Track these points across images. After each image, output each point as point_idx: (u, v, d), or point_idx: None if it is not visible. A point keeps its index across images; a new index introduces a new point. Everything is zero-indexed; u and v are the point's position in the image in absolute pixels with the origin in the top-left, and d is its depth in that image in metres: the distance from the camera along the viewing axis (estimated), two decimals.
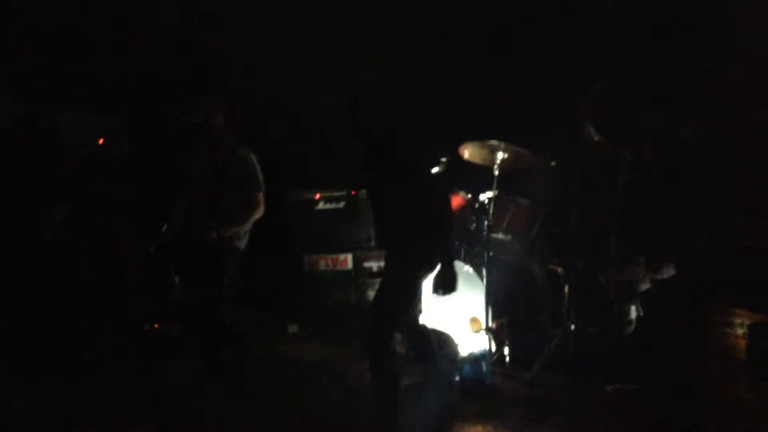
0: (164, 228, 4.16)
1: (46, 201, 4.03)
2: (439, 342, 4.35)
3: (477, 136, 4.35)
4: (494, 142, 4.25)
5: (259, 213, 4.17)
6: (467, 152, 4.43)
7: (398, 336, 3.56)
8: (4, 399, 3.55)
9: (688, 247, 2.75)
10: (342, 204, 5.39)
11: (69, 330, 4.16)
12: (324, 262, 5.34)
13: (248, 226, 4.17)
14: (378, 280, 5.24)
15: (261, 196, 4.16)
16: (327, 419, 3.56)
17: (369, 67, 4.66)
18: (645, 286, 3.06)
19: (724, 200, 2.79)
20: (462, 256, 4.84)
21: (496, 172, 4.38)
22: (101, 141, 4.56)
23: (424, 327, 4.40)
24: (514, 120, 4.63)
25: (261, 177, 4.17)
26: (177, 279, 4.20)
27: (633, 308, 3.26)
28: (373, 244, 5.38)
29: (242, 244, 4.20)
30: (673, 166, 2.85)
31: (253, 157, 4.20)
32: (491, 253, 4.32)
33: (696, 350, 3.04)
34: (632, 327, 3.25)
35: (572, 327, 4.27)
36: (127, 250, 4.63)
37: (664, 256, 2.85)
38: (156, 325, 4.43)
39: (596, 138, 2.91)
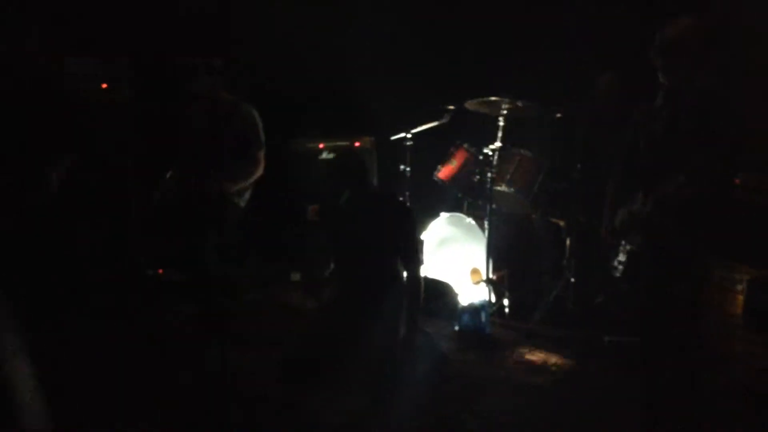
0: (167, 176, 4.16)
1: (54, 150, 4.00)
2: (440, 292, 4.41)
3: (481, 87, 4.31)
4: (496, 99, 4.21)
5: (259, 172, 4.15)
6: (473, 105, 4.40)
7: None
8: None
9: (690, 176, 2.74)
10: None
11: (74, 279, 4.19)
12: None
13: (248, 184, 4.16)
14: None
15: (261, 154, 4.14)
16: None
17: None
18: (631, 243, 3.07)
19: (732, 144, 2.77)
20: (464, 208, 4.85)
21: (501, 124, 4.35)
22: (104, 86, 4.52)
23: (426, 278, 4.45)
24: (519, 70, 4.57)
25: (262, 135, 4.14)
26: (178, 227, 4.21)
27: (620, 250, 3.27)
28: None
29: (243, 201, 4.21)
30: (691, 112, 2.84)
31: (255, 114, 4.16)
32: (494, 206, 4.33)
33: (694, 304, 3.05)
34: (618, 270, 3.26)
35: (572, 279, 4.31)
36: (131, 197, 4.63)
37: (657, 198, 2.86)
38: (160, 271, 4.47)
39: (662, 80, 2.93)
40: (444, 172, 4.68)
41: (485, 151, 4.38)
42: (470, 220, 4.56)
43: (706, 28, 2.90)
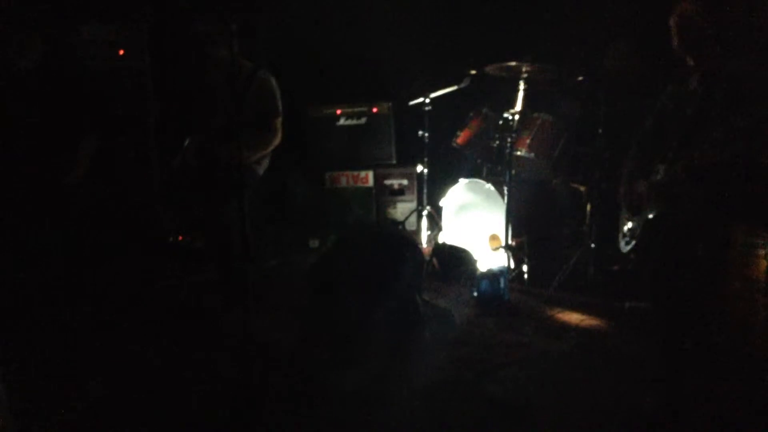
0: (186, 143, 4.16)
1: (74, 134, 4.02)
2: (459, 258, 4.40)
3: (501, 51, 4.25)
4: (516, 64, 4.15)
5: (277, 140, 4.13)
6: (493, 68, 4.34)
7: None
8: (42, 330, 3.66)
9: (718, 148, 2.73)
10: (363, 120, 5.34)
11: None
12: (345, 179, 5.34)
13: (266, 152, 4.15)
14: (398, 198, 5.30)
15: (279, 122, 4.11)
16: None
17: None
18: (649, 212, 3.04)
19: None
20: (484, 173, 4.82)
21: (522, 87, 4.29)
22: (122, 52, 4.51)
23: (444, 244, 4.45)
24: (539, 34, 4.49)
25: (280, 103, 4.11)
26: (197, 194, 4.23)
27: (628, 226, 3.25)
28: (394, 161, 5.37)
29: (261, 169, 4.20)
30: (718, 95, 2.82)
31: (273, 81, 4.12)
32: (513, 171, 4.29)
33: (715, 269, 3.02)
34: (623, 246, 3.25)
35: (592, 245, 4.28)
36: (152, 166, 4.65)
37: (684, 167, 2.84)
38: (180, 237, 4.50)
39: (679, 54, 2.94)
40: (463, 138, 4.65)
41: (505, 115, 4.32)
42: (489, 186, 4.52)
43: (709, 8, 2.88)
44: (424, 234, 5.09)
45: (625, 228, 3.37)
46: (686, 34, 2.96)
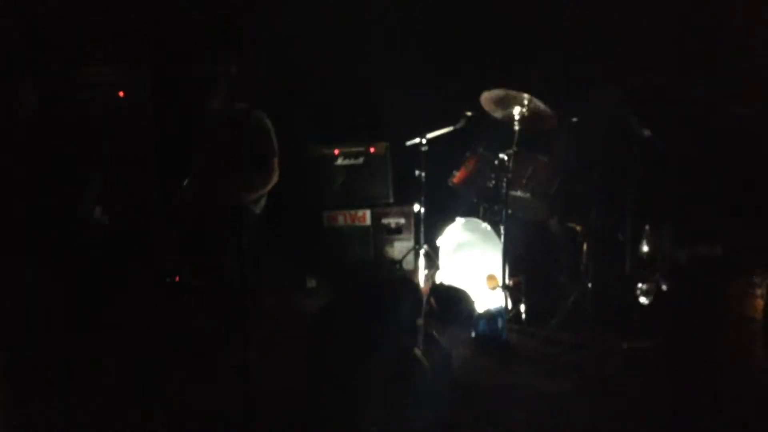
0: (185, 183, 4.18)
1: (80, 175, 4.06)
2: (457, 297, 4.39)
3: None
4: (515, 92, 4.21)
5: (275, 179, 4.17)
6: (488, 101, 4.39)
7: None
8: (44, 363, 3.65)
9: (730, 228, 2.77)
10: (361, 160, 5.38)
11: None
12: (342, 218, 5.36)
13: (264, 192, 4.18)
14: (395, 237, 5.31)
15: (275, 161, 4.16)
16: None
17: None
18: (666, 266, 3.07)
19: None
20: (480, 213, 4.84)
21: (517, 128, 4.34)
22: (122, 94, 4.56)
23: (441, 284, 4.44)
24: (537, 75, 4.56)
25: (275, 142, 4.16)
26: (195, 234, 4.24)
27: (650, 282, 3.26)
28: (391, 200, 5.39)
29: (259, 208, 4.22)
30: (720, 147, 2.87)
31: (267, 121, 4.17)
32: (510, 211, 4.31)
33: (714, 309, 3.03)
34: (648, 299, 3.26)
35: (589, 285, 4.28)
36: (151, 205, 4.67)
37: (698, 232, 2.87)
38: (177, 278, 4.49)
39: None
40: (459, 177, 4.68)
41: (501, 156, 4.36)
42: (486, 226, 4.54)
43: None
44: (422, 273, 5.08)
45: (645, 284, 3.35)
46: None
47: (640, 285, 3.26)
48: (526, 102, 4.23)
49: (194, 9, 5.07)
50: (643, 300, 3.27)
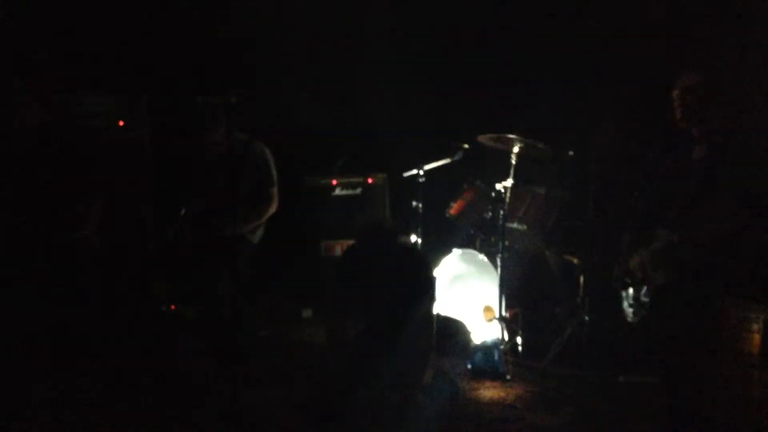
0: (182, 213, 4.19)
1: (82, 200, 4.08)
2: (453, 329, 4.38)
3: (495, 124, 4.35)
4: (510, 136, 4.24)
5: (273, 209, 4.20)
6: (485, 138, 4.42)
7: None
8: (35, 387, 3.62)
9: (718, 228, 2.77)
10: (358, 190, 5.40)
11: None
12: (340, 248, 5.35)
13: (262, 221, 4.19)
14: None
15: (275, 191, 4.19)
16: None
17: None
18: (656, 279, 3.05)
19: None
20: (477, 244, 4.85)
21: (514, 161, 4.37)
22: (122, 123, 4.59)
23: (437, 316, 4.43)
24: (532, 109, 4.61)
25: (275, 172, 4.19)
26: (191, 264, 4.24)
27: (631, 295, 3.26)
28: None
29: (256, 237, 4.24)
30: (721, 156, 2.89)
31: (267, 151, 4.21)
32: (506, 243, 4.32)
33: (709, 344, 3.02)
34: (631, 316, 3.25)
35: (586, 318, 4.27)
36: (148, 235, 4.67)
37: (688, 233, 2.87)
38: (172, 307, 4.48)
39: (695, 133, 3.03)
40: (456, 209, 4.70)
41: (497, 188, 4.38)
42: (483, 257, 4.55)
43: (712, 80, 2.99)
44: None
45: (629, 296, 3.35)
46: (690, 106, 3.02)
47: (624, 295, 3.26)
48: (521, 142, 4.27)
49: (195, 40, 5.13)
50: (630, 317, 3.25)
